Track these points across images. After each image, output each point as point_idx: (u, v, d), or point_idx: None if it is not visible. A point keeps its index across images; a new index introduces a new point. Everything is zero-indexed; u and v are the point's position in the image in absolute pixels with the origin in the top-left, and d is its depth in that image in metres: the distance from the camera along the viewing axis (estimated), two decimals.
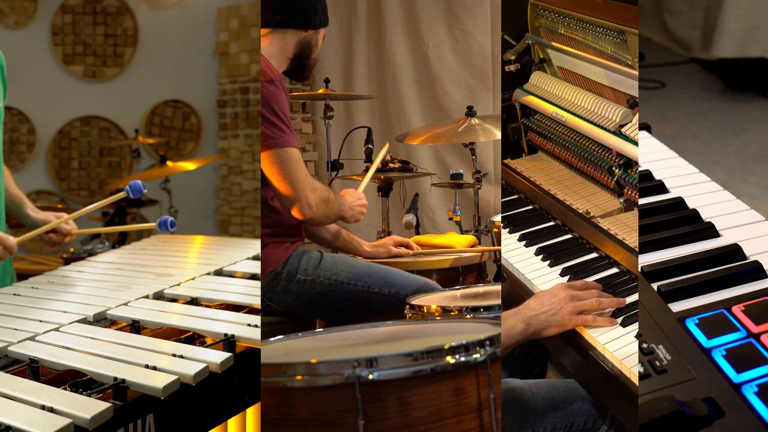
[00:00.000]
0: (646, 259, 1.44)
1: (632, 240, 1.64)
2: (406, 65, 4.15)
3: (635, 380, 1.19)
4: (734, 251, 1.42)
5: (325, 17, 2.23)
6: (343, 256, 2.31)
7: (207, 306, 1.73)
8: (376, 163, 2.66)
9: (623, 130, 1.81)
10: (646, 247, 1.47)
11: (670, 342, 1.20)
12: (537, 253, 1.77)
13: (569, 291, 1.52)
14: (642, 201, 1.65)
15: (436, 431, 1.30)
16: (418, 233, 2.96)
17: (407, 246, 2.53)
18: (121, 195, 2.08)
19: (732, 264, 1.39)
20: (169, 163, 4.07)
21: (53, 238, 2.13)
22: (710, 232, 1.51)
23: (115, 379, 1.23)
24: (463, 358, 1.32)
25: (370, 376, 1.28)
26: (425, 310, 1.89)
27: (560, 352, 1.57)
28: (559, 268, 1.70)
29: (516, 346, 1.60)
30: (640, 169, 1.76)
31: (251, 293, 1.80)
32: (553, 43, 2.05)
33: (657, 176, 1.75)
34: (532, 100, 2.08)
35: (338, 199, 2.20)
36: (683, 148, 1.67)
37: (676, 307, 1.29)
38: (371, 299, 2.17)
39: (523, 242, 1.83)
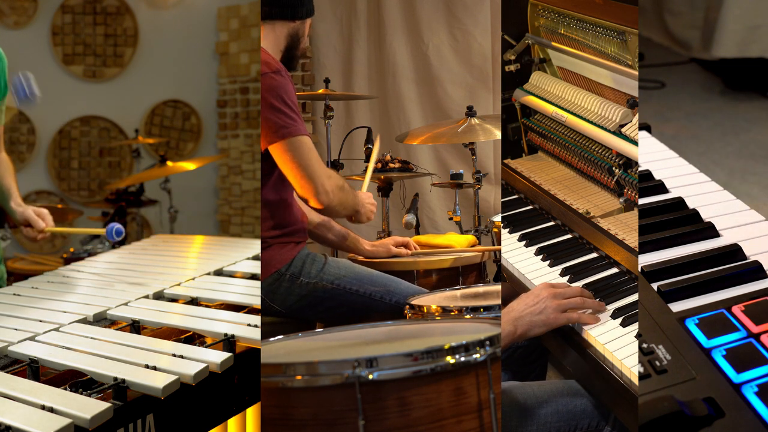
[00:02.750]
0: (646, 259, 1.44)
1: (632, 240, 1.64)
2: (406, 65, 4.15)
3: (635, 380, 1.19)
4: (734, 251, 1.42)
5: (311, 7, 2.24)
6: (347, 261, 2.31)
7: (207, 306, 1.73)
8: (372, 162, 2.66)
9: (623, 130, 1.81)
10: (646, 247, 1.47)
11: (670, 342, 1.19)
12: (537, 253, 1.77)
13: (552, 290, 1.53)
14: (642, 201, 1.65)
15: (436, 431, 1.30)
16: (418, 233, 2.96)
17: (407, 246, 2.53)
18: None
19: (732, 264, 1.39)
20: (169, 163, 4.07)
21: (29, 233, 2.14)
22: (710, 232, 1.51)
23: (115, 379, 1.23)
24: (463, 358, 1.32)
25: (370, 376, 1.28)
26: (425, 310, 1.89)
27: (561, 352, 1.57)
28: (559, 268, 1.70)
29: (508, 348, 1.60)
30: (640, 169, 1.76)
31: (251, 293, 1.80)
32: (553, 43, 2.05)
33: (657, 176, 1.75)
34: (532, 100, 2.08)
35: (353, 190, 2.21)
36: (683, 148, 1.67)
37: (676, 307, 1.29)
38: (372, 306, 2.17)
39: (523, 242, 1.83)
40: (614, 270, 1.66)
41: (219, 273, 2.01)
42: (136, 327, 1.57)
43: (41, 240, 2.17)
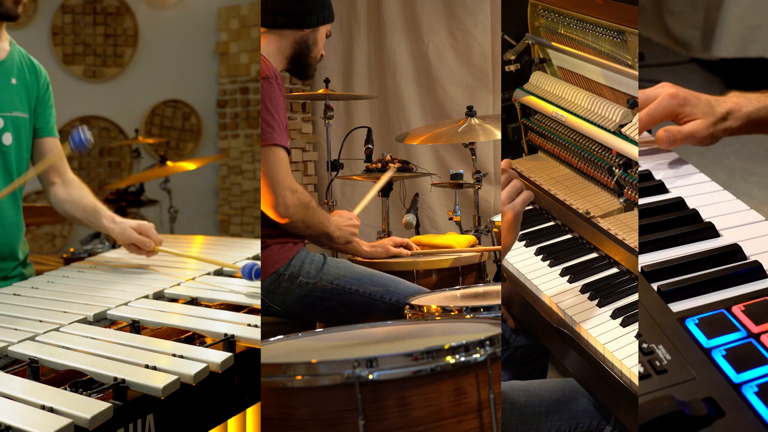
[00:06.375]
0: (646, 259, 1.44)
1: (632, 240, 1.64)
2: (406, 65, 4.15)
3: (635, 380, 1.19)
4: (734, 251, 1.42)
5: (324, 14, 2.22)
6: (346, 261, 2.31)
7: (207, 306, 1.73)
8: (383, 179, 2.65)
9: (623, 130, 1.81)
10: (646, 247, 1.47)
11: (670, 342, 1.19)
12: (537, 253, 1.77)
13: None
14: (642, 201, 1.65)
15: (436, 431, 1.30)
16: (418, 233, 2.96)
17: (407, 246, 2.53)
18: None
19: (732, 264, 1.39)
20: (169, 163, 4.07)
21: (135, 251, 2.13)
22: (710, 232, 1.51)
23: (115, 379, 1.23)
24: (463, 358, 1.32)
25: (370, 376, 1.28)
26: (425, 310, 1.89)
27: (561, 352, 1.57)
28: (559, 268, 1.70)
29: (508, 348, 1.58)
30: (640, 169, 1.76)
31: (251, 293, 1.80)
32: (553, 43, 2.05)
33: (657, 176, 1.75)
34: (532, 100, 2.08)
35: (321, 213, 2.18)
36: (683, 148, 1.67)
37: (676, 307, 1.29)
38: (372, 306, 2.17)
39: (523, 242, 1.83)
40: (614, 270, 1.66)
41: (219, 273, 2.01)
42: (136, 327, 1.57)
43: (151, 256, 2.13)
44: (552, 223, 1.88)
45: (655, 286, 1.35)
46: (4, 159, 2.13)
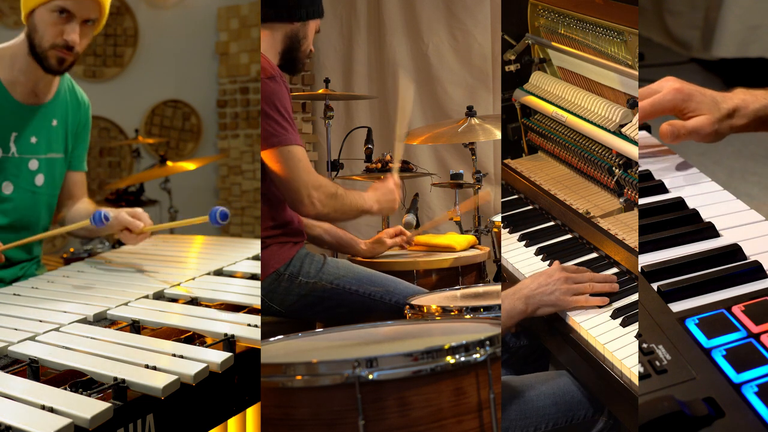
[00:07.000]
0: (646, 259, 1.44)
1: (632, 240, 1.64)
2: (406, 65, 4.15)
3: (635, 380, 1.19)
4: (734, 251, 1.42)
5: (314, 9, 2.21)
6: (346, 261, 2.31)
7: (207, 306, 1.73)
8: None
9: (623, 130, 1.81)
10: (646, 247, 1.47)
11: (670, 342, 1.20)
12: (537, 253, 1.77)
13: (564, 273, 1.57)
14: (642, 201, 1.65)
15: (436, 431, 1.30)
16: None
17: (400, 233, 2.53)
18: (84, 223, 2.07)
19: (732, 264, 1.39)
20: (169, 163, 4.07)
21: (127, 237, 2.13)
22: (710, 232, 1.51)
23: (115, 379, 1.23)
24: (463, 358, 1.32)
25: (370, 376, 1.28)
26: (425, 310, 1.89)
27: (561, 351, 1.57)
28: None
29: (509, 348, 1.59)
30: (640, 169, 1.76)
31: (251, 293, 1.80)
32: (553, 43, 2.05)
33: (657, 176, 1.75)
34: (532, 100, 2.08)
35: (352, 195, 2.17)
36: (683, 148, 1.68)
37: (676, 307, 1.29)
38: (371, 306, 2.17)
39: (523, 242, 1.83)
40: (614, 270, 1.66)
41: (219, 273, 2.01)
42: (136, 327, 1.57)
43: (141, 240, 2.15)
44: (552, 223, 1.88)
45: (655, 286, 1.35)
46: (35, 199, 2.18)
